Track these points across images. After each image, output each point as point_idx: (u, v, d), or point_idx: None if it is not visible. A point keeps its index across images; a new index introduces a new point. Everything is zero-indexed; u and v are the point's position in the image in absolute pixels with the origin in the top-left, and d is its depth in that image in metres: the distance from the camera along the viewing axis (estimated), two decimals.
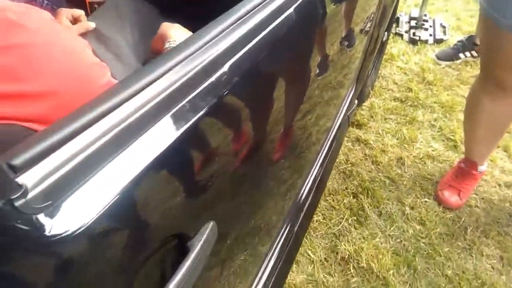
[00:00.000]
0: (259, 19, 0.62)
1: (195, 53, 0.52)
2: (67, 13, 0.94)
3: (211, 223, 0.55)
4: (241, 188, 0.71)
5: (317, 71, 1.00)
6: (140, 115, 0.43)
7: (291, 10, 0.69)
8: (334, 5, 0.98)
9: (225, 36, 0.56)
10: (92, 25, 0.96)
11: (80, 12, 0.96)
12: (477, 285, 1.33)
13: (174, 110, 0.47)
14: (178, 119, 0.47)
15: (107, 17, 1.07)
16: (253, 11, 0.62)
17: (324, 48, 1.01)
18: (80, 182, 0.37)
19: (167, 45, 0.86)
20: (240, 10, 0.61)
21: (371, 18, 1.42)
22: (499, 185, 1.69)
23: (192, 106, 0.48)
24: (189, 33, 0.90)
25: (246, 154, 0.68)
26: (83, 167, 0.38)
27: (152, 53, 0.96)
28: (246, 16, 0.61)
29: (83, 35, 0.92)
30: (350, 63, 1.36)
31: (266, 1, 0.65)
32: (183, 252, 0.49)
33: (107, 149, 0.40)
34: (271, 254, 1.00)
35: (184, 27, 0.94)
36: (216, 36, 0.55)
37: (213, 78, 0.52)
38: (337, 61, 1.16)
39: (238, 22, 0.59)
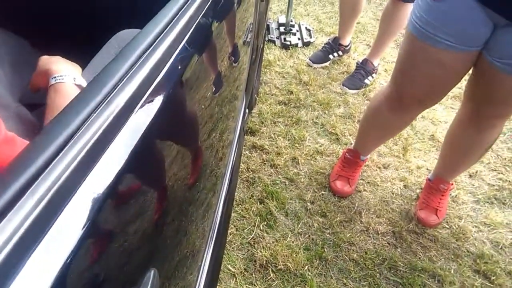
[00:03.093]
0: (157, 57, 0.59)
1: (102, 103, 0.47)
2: None
3: (152, 271, 0.53)
4: (166, 224, 0.70)
5: (213, 88, 1.02)
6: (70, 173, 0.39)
7: (184, 42, 0.69)
8: (217, 23, 1.01)
9: (129, 79, 0.53)
10: None
11: None
12: (379, 262, 1.50)
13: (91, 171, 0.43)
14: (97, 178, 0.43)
15: None
16: (149, 50, 0.59)
17: (216, 65, 1.04)
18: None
19: (52, 81, 0.79)
20: (135, 50, 0.58)
21: (250, 29, 1.49)
22: (379, 168, 1.92)
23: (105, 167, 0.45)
24: (76, 66, 0.84)
25: (165, 188, 0.68)
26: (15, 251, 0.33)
27: (32, 90, 0.88)
28: (144, 57, 0.58)
29: None
30: (240, 74, 1.41)
31: (159, 38, 0.63)
32: None
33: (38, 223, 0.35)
34: (199, 281, 0.99)
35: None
36: (120, 80, 0.52)
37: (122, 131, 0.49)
38: (229, 76, 1.20)
39: (140, 60, 0.56)
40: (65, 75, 0.78)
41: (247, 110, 1.73)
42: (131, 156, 0.49)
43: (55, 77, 0.78)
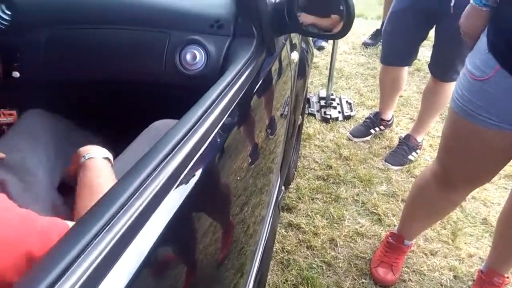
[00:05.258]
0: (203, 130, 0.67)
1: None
2: None
3: None
4: None
5: (249, 160, 0.99)
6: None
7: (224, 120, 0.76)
8: (258, 98, 1.01)
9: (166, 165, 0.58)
10: (1, 155, 0.88)
11: None
12: None
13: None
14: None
15: (18, 141, 1.00)
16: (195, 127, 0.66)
17: (253, 138, 1.03)
18: None
19: (82, 159, 0.82)
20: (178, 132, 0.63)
21: (287, 103, 1.48)
22: (426, 254, 1.78)
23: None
24: (105, 151, 0.87)
25: (192, 266, 0.65)
26: None
27: (67, 175, 0.90)
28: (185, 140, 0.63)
29: None
30: (276, 147, 1.38)
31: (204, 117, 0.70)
32: None
33: None
34: None
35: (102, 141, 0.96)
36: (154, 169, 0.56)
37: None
38: (265, 148, 1.19)
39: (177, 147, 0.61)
40: (94, 152, 0.83)
41: (283, 188, 1.69)
42: (165, 232, 0.52)
43: (84, 156, 0.83)
